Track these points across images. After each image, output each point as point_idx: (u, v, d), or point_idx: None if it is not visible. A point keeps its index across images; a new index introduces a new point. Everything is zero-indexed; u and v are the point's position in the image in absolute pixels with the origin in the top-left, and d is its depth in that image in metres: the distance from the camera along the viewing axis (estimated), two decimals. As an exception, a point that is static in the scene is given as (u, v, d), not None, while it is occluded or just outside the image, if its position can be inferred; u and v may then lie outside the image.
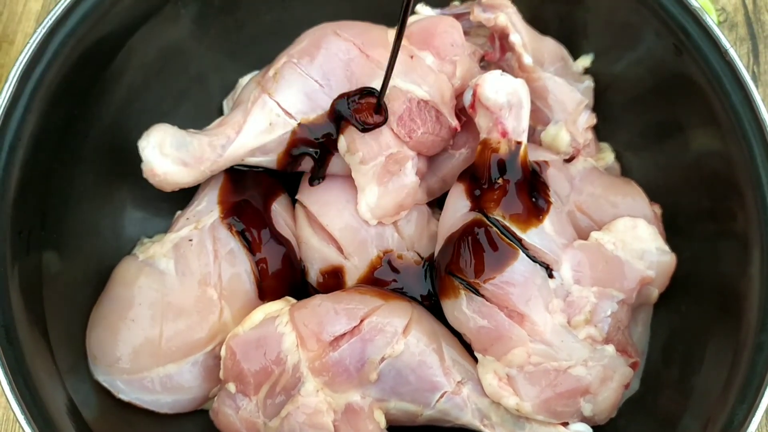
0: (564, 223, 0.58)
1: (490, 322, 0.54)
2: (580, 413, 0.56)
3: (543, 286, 0.54)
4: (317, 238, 0.62)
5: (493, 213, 0.55)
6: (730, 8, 0.84)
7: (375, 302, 0.56)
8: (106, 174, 0.64)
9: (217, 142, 0.59)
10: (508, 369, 0.54)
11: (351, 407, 0.54)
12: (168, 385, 0.58)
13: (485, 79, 0.57)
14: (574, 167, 0.64)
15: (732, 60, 0.56)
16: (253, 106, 0.59)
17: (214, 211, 0.61)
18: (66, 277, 0.59)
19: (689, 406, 0.56)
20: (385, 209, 0.60)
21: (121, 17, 0.60)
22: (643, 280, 0.58)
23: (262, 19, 0.70)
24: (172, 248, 0.59)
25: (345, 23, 0.61)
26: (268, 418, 0.55)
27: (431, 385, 0.55)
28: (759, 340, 0.52)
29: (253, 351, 0.55)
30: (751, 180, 0.55)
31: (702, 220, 0.62)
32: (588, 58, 0.69)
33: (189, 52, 0.68)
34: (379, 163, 0.59)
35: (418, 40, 0.61)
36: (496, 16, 0.64)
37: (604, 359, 0.55)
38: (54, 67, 0.55)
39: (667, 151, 0.65)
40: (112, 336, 0.58)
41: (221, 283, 0.58)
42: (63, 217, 0.59)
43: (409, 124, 0.59)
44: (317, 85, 0.59)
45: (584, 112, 0.66)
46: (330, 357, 0.54)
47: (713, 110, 0.58)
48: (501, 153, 0.57)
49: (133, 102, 0.65)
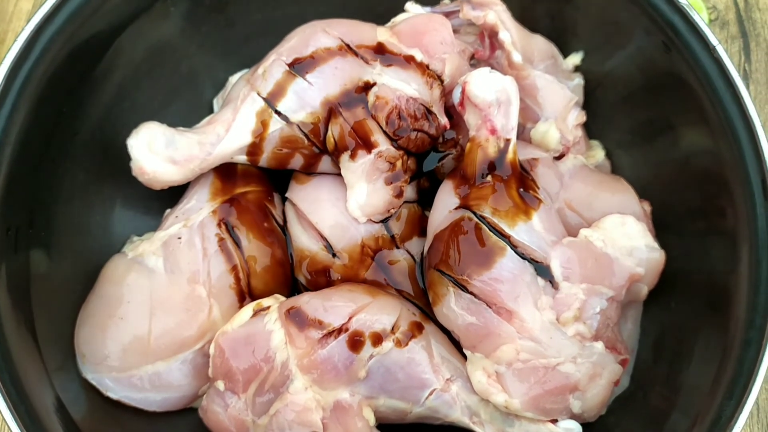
0: (553, 220, 0.58)
1: (479, 319, 0.54)
2: (569, 410, 0.56)
3: (532, 282, 0.54)
4: (307, 236, 0.62)
5: (481, 210, 0.55)
6: (722, 6, 0.84)
7: (364, 299, 0.56)
8: (96, 172, 0.63)
9: (206, 141, 0.59)
10: (497, 366, 0.54)
11: (340, 405, 0.54)
12: (157, 383, 0.58)
13: (474, 76, 0.57)
14: (564, 165, 0.64)
15: (720, 57, 0.56)
16: (243, 104, 0.59)
17: (204, 209, 0.61)
18: (54, 275, 0.59)
19: (678, 402, 0.56)
20: (374, 207, 0.60)
21: (110, 15, 0.60)
22: (633, 277, 0.58)
23: (252, 17, 0.70)
24: (161, 246, 0.59)
25: (334, 21, 0.61)
26: (257, 415, 0.55)
27: (420, 382, 0.55)
28: (747, 336, 0.52)
29: (241, 348, 0.55)
30: (740, 177, 0.55)
31: (691, 217, 0.62)
32: (578, 55, 0.69)
33: (179, 50, 0.68)
34: (369, 161, 0.59)
35: (407, 37, 0.61)
36: (486, 14, 0.64)
37: (593, 356, 0.55)
38: (42, 65, 0.55)
39: (657, 148, 0.65)
40: (100, 334, 0.58)
41: (210, 281, 0.58)
42: (52, 215, 0.59)
43: (398, 122, 0.59)
44: (306, 83, 0.59)
45: (574, 109, 0.66)
46: (318, 354, 0.54)
47: (703, 108, 0.58)
48: (490, 150, 0.57)
49: (123, 100, 0.65)
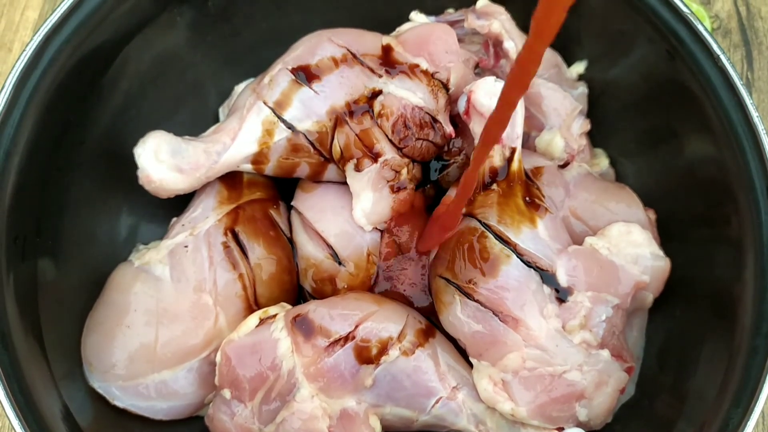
0: (558, 228, 0.58)
1: (485, 327, 0.54)
2: (575, 418, 0.56)
3: (537, 290, 0.54)
4: (312, 244, 0.62)
5: (487, 218, 0.56)
6: (724, 15, 0.84)
7: (370, 307, 0.56)
8: (102, 181, 0.64)
9: (212, 149, 0.59)
10: (503, 374, 0.54)
11: (346, 413, 0.54)
12: (163, 391, 0.58)
13: (479, 85, 0.57)
14: (569, 173, 0.64)
15: (724, 66, 0.56)
16: (249, 113, 0.59)
17: (210, 217, 0.61)
18: (61, 283, 0.59)
19: (684, 410, 0.56)
20: (380, 215, 0.60)
21: (117, 25, 0.60)
22: (638, 285, 0.58)
23: (257, 26, 0.70)
24: (168, 254, 0.59)
25: (340, 30, 0.62)
26: (263, 424, 0.55)
27: (426, 390, 0.55)
28: (753, 344, 0.52)
29: (248, 357, 0.55)
30: (745, 185, 0.55)
31: (696, 225, 0.62)
32: (582, 64, 0.69)
33: (185, 59, 0.68)
34: (374, 169, 0.59)
35: (412, 46, 0.61)
36: (490, 23, 0.64)
37: (599, 364, 0.55)
38: (50, 75, 0.56)
39: (661, 156, 0.65)
40: (107, 342, 0.58)
41: (216, 289, 0.59)
42: (59, 223, 0.60)
43: (403, 130, 0.59)
44: (312, 92, 0.59)
45: (578, 118, 0.66)
46: (325, 362, 0.54)
47: (706, 116, 0.58)
48: (495, 159, 0.57)
49: (130, 109, 0.65)
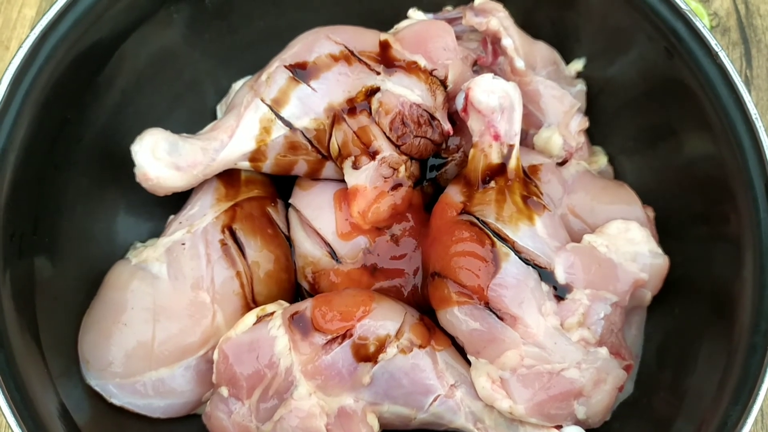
0: (557, 225, 0.58)
1: (483, 324, 0.54)
2: (573, 416, 0.56)
3: (536, 288, 0.54)
4: (310, 242, 0.62)
5: (485, 216, 0.56)
6: (723, 13, 0.84)
7: (367, 305, 0.56)
8: (99, 178, 0.64)
9: (209, 147, 0.59)
10: (501, 372, 0.54)
11: (344, 411, 0.54)
12: (160, 389, 0.58)
13: (477, 82, 0.57)
14: (567, 170, 0.64)
15: (722, 63, 0.56)
16: (246, 111, 0.59)
17: (208, 215, 0.61)
18: (58, 281, 0.59)
19: (683, 408, 0.56)
20: (377, 213, 0.60)
21: (113, 22, 0.60)
22: (636, 283, 0.58)
23: (255, 24, 0.70)
24: (165, 252, 0.59)
25: (337, 27, 0.62)
26: (260, 422, 0.55)
27: (424, 388, 0.55)
28: (752, 341, 0.52)
29: (245, 354, 0.55)
30: (743, 182, 0.55)
31: (695, 222, 0.62)
32: (580, 61, 0.69)
33: (182, 56, 0.68)
34: (372, 167, 0.59)
35: (410, 44, 0.61)
36: (488, 21, 0.64)
37: (598, 362, 0.55)
38: (46, 72, 0.55)
39: (660, 154, 0.65)
40: (104, 340, 0.58)
41: (214, 287, 0.58)
42: (55, 221, 0.59)
43: (401, 128, 0.59)
44: (310, 90, 0.59)
45: (577, 115, 0.66)
46: (322, 360, 0.54)
47: (705, 113, 0.58)
48: (493, 156, 0.57)
49: (127, 107, 0.65)
